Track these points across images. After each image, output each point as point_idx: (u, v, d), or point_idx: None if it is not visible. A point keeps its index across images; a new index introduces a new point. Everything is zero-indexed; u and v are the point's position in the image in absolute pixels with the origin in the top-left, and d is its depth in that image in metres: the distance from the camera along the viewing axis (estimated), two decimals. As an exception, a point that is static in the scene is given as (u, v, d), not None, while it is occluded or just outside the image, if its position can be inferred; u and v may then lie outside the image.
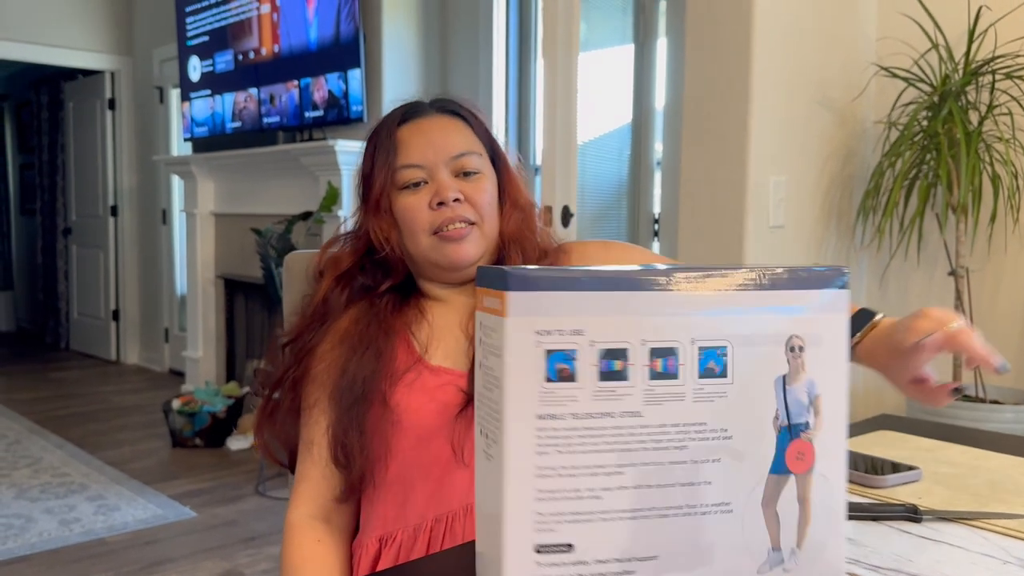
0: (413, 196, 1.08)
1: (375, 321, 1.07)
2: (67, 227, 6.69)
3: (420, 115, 1.12)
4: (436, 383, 1.03)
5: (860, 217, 2.43)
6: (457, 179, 1.08)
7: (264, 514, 3.12)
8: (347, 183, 3.78)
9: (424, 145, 1.08)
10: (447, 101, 1.15)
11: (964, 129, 2.14)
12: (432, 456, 1.02)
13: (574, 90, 2.67)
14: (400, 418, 1.02)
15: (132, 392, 5.25)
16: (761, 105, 2.21)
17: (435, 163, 1.07)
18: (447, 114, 1.13)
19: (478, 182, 1.09)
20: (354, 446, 1.02)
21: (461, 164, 1.08)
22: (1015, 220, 2.26)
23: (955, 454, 1.10)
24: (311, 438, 1.07)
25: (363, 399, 1.02)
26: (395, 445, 1.03)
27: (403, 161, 1.08)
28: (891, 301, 2.53)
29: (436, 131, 1.10)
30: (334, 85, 3.80)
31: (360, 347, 1.04)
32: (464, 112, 1.14)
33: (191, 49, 4.77)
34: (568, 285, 0.59)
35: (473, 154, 1.10)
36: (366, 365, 1.03)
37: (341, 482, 1.05)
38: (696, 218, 2.32)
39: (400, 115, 1.12)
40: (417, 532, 1.02)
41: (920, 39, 2.32)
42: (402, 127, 1.11)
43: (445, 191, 1.06)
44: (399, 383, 1.03)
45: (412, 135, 1.09)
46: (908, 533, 0.82)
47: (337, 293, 1.10)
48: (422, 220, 1.07)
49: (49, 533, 2.91)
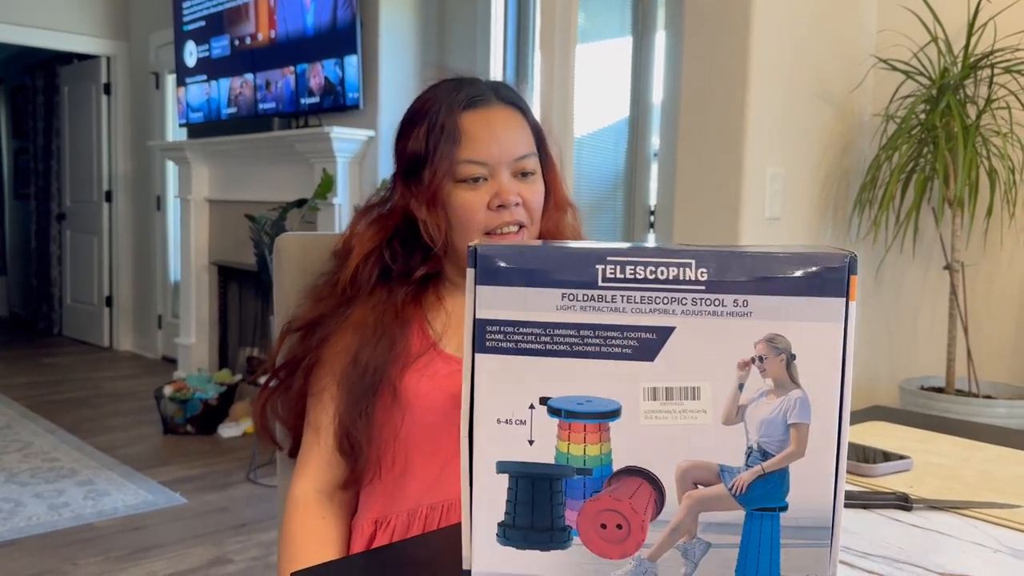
0: (472, 193, 1.04)
1: (391, 310, 1.05)
2: (61, 212, 6.66)
3: (484, 103, 1.06)
4: (447, 371, 1.02)
5: (856, 210, 2.42)
6: (515, 179, 1.05)
7: (255, 501, 3.11)
8: (342, 170, 3.77)
9: (490, 141, 1.04)
10: (509, 89, 1.11)
11: (962, 123, 2.13)
12: (436, 444, 1.02)
13: (571, 81, 2.66)
14: (409, 404, 1.01)
15: (124, 378, 5.24)
16: (758, 96, 2.20)
17: (499, 162, 1.04)
18: (509, 105, 1.08)
19: (534, 184, 1.07)
20: (361, 437, 1.01)
21: (522, 166, 1.05)
22: (1011, 215, 2.26)
23: (946, 445, 1.09)
24: (318, 424, 1.06)
25: (372, 390, 1.01)
26: (402, 431, 1.02)
27: (468, 155, 1.04)
28: (886, 295, 2.53)
29: (502, 126, 1.05)
30: (330, 72, 3.78)
31: (374, 336, 1.02)
32: (522, 103, 1.11)
33: (187, 34, 4.74)
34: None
35: (531, 155, 1.07)
36: (379, 354, 1.01)
37: (345, 471, 1.04)
38: (692, 209, 2.31)
39: (464, 100, 1.06)
40: (412, 518, 1.01)
41: (919, 32, 2.31)
42: (466, 114, 1.05)
43: (507, 195, 1.03)
44: (410, 368, 1.02)
45: (478, 127, 1.04)
46: (899, 521, 0.81)
47: (366, 272, 1.07)
48: (479, 220, 1.04)
49: (38, 517, 2.90)
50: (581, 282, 0.54)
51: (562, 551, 0.56)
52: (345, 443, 1.01)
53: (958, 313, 2.20)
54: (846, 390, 0.54)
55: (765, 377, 0.54)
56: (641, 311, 0.54)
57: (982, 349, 2.30)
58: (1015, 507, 0.85)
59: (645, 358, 0.55)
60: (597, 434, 0.55)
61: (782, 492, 0.55)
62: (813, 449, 0.55)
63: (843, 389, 0.54)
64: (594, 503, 0.56)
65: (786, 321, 0.54)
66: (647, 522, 0.56)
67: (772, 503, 0.55)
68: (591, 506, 0.56)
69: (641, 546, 0.56)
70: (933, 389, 2.23)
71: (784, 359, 0.54)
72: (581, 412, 0.55)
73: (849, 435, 1.10)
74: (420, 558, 0.75)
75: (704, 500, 0.55)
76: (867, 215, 2.43)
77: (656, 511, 0.56)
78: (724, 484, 0.55)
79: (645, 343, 0.54)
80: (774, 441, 0.55)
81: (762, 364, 0.54)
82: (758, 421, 0.55)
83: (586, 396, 0.55)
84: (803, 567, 0.56)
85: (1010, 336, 2.31)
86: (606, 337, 0.55)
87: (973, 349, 2.24)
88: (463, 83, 1.08)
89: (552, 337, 0.55)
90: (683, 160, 2.33)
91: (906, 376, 2.43)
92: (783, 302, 0.54)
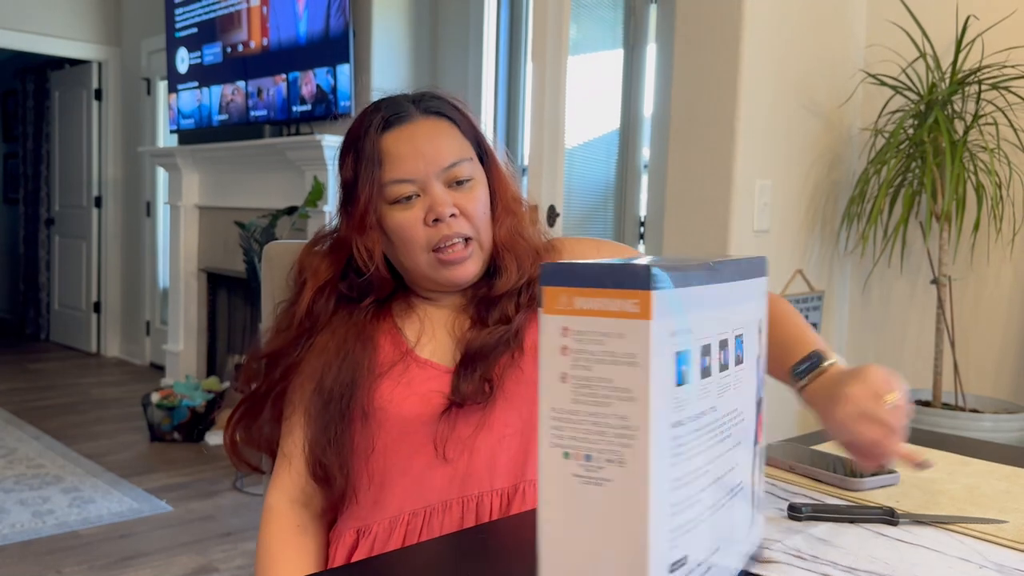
0: (406, 212, 1.02)
1: (352, 331, 1.04)
2: (50, 217, 6.63)
3: (404, 120, 1.04)
4: (423, 376, 1.02)
5: (844, 223, 2.44)
6: (450, 189, 1.03)
7: (241, 510, 3.10)
8: (333, 178, 3.75)
9: (413, 156, 1.02)
10: (430, 99, 1.08)
11: (949, 138, 2.15)
12: (412, 450, 1.01)
13: (563, 92, 2.67)
14: (384, 414, 1.01)
15: (111, 385, 5.20)
16: (748, 109, 2.21)
17: (427, 175, 1.01)
18: (433, 116, 1.06)
19: (471, 191, 1.04)
20: (332, 464, 1.00)
21: (454, 174, 1.03)
22: (998, 230, 2.27)
23: (933, 459, 1.09)
24: (289, 452, 1.05)
25: (341, 416, 1.00)
26: (379, 445, 1.02)
27: (392, 176, 1.02)
28: (873, 308, 2.54)
29: (424, 139, 1.03)
30: (322, 80, 3.78)
31: (336, 359, 1.01)
32: (449, 111, 1.07)
33: (179, 41, 4.73)
34: (691, 280, 0.54)
35: (464, 161, 1.04)
36: (343, 378, 1.00)
37: (321, 499, 1.04)
38: (681, 220, 2.32)
39: (382, 121, 1.04)
40: (393, 525, 1.01)
41: (908, 47, 2.32)
42: (386, 135, 1.03)
43: (440, 207, 1.01)
44: (384, 378, 1.02)
45: (398, 145, 1.02)
46: (884, 536, 0.82)
47: (322, 303, 1.06)
48: (418, 237, 1.02)
49: (22, 524, 2.88)
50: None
51: None
52: (318, 470, 1.01)
53: (945, 327, 2.21)
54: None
55: None
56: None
57: (969, 363, 2.32)
58: (1001, 522, 0.85)
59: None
60: None
61: None
62: None
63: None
64: None
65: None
66: None
67: None
68: None
69: None
70: (920, 403, 2.23)
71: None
72: None
73: (837, 448, 1.10)
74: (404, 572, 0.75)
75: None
76: (855, 229, 2.44)
77: None
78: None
79: None
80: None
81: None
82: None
83: None
84: None
85: (996, 350, 2.32)
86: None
87: (960, 363, 2.25)
88: (383, 104, 1.07)
89: None
90: (673, 171, 2.34)
91: (893, 389, 2.44)
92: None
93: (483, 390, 1.00)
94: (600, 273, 0.52)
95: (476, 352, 1.01)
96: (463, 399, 0.99)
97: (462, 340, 1.03)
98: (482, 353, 1.01)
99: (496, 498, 1.00)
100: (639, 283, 0.51)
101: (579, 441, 0.52)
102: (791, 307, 1.03)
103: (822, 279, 2.49)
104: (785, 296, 2.36)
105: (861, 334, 2.57)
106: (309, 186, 3.77)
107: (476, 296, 1.07)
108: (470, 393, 0.99)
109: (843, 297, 2.57)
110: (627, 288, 0.51)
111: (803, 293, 2.42)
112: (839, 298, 2.56)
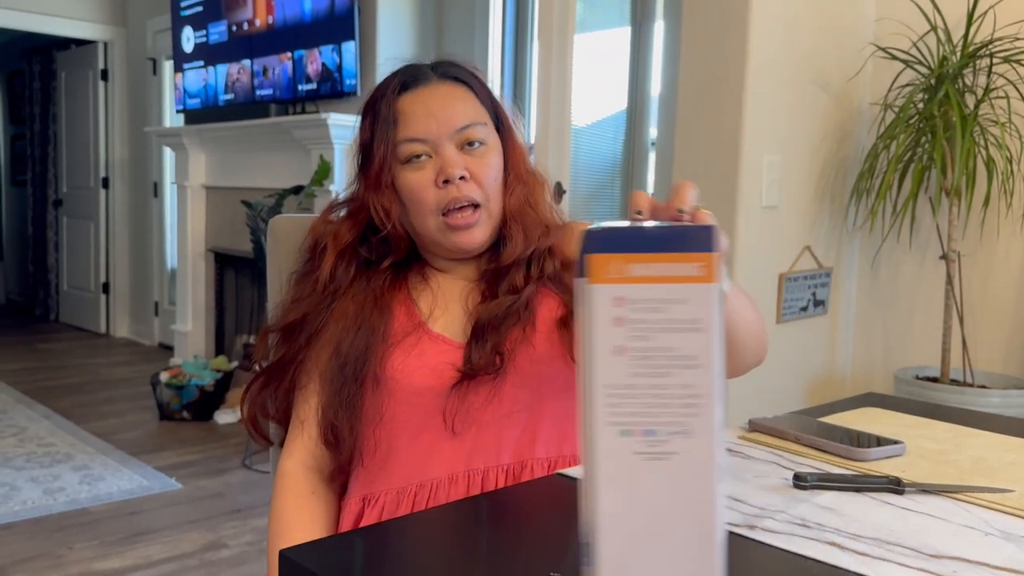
0: (417, 172, 1.03)
1: (371, 298, 1.04)
2: (58, 199, 6.64)
3: (421, 83, 1.06)
4: (434, 351, 1.02)
5: (853, 199, 2.42)
6: (462, 152, 1.03)
7: (250, 487, 3.12)
8: (339, 157, 3.75)
9: (426, 117, 1.03)
10: (449, 65, 1.09)
11: (960, 112, 2.13)
12: (421, 422, 1.01)
13: (569, 70, 2.65)
14: (395, 384, 1.01)
15: (121, 365, 5.23)
16: (756, 84, 2.19)
17: (439, 136, 1.02)
18: (450, 80, 1.07)
19: (483, 156, 1.04)
20: (343, 428, 1.01)
21: (466, 136, 1.03)
22: (1008, 205, 2.25)
23: (940, 431, 1.09)
24: (302, 416, 1.06)
25: (354, 380, 1.00)
26: (386, 414, 1.02)
27: (405, 135, 1.03)
28: (882, 284, 2.53)
29: (439, 101, 1.04)
30: (328, 58, 3.76)
31: (354, 326, 1.02)
32: (467, 77, 1.08)
33: (185, 19, 4.72)
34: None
35: (478, 124, 1.04)
36: (359, 343, 1.01)
37: (330, 462, 1.05)
38: (688, 197, 2.30)
39: (399, 82, 1.06)
40: (400, 496, 1.02)
41: (919, 20, 2.30)
42: (402, 96, 1.05)
43: (450, 168, 1.01)
44: (397, 348, 1.02)
45: (413, 106, 1.04)
46: (890, 504, 0.81)
47: (343, 268, 1.06)
48: (428, 199, 1.02)
49: (33, 501, 2.90)
50: None
51: None
52: (329, 435, 1.01)
53: (954, 303, 2.20)
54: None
55: None
56: None
57: (977, 339, 2.30)
58: (1007, 491, 0.85)
59: None
60: None
61: None
62: None
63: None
64: None
65: None
66: None
67: None
68: None
69: None
70: (928, 379, 2.23)
71: None
72: None
73: (843, 420, 1.10)
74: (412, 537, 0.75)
75: None
76: (864, 204, 2.42)
77: None
78: None
79: None
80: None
81: None
82: None
83: None
84: None
85: (1005, 326, 2.31)
86: None
87: (968, 339, 2.24)
88: (405, 71, 1.09)
89: None
90: (681, 148, 2.33)
91: (901, 365, 2.43)
92: None
93: (494, 362, 1.00)
94: (659, 237, 0.49)
95: (487, 323, 1.01)
96: (474, 370, 0.99)
97: (474, 314, 1.03)
98: (492, 324, 1.01)
99: (502, 474, 1.01)
100: (704, 245, 0.49)
101: (640, 417, 0.50)
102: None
103: (830, 255, 2.47)
104: (793, 273, 2.35)
105: (869, 310, 2.55)
106: (315, 165, 3.76)
107: (488, 271, 1.07)
108: (481, 364, 0.99)
109: (851, 273, 2.56)
110: (692, 251, 0.49)
111: (811, 269, 2.40)
112: (847, 274, 2.55)
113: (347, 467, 1.05)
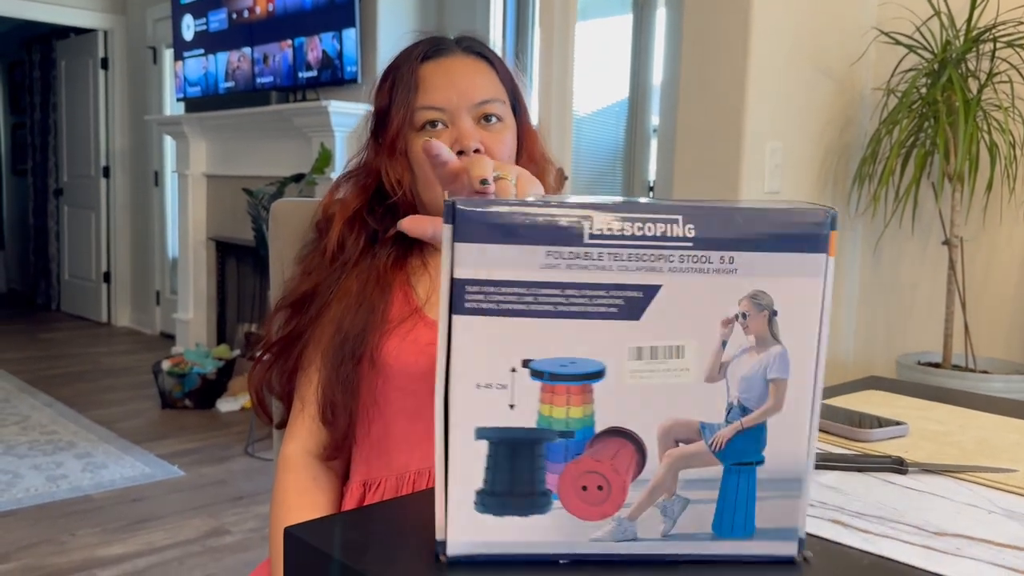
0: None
1: (373, 276, 1.03)
2: (59, 188, 6.64)
3: (445, 53, 1.06)
4: (429, 337, 1.01)
5: (856, 184, 2.41)
6: (478, 126, 1.03)
7: (253, 474, 3.12)
8: (340, 145, 3.75)
9: (447, 86, 1.02)
10: (474, 41, 1.09)
11: (963, 97, 2.12)
12: (417, 408, 1.01)
13: (571, 58, 2.64)
14: (389, 369, 1.01)
15: (122, 354, 5.24)
16: (759, 69, 2.18)
17: (458, 107, 1.02)
18: (473, 55, 1.07)
19: (499, 132, 1.03)
20: (340, 404, 1.01)
21: (484, 110, 1.03)
22: (1011, 190, 2.25)
23: (943, 413, 1.09)
24: (304, 395, 1.06)
25: (351, 357, 1.00)
26: (380, 397, 1.02)
27: (424, 101, 1.02)
28: (884, 270, 2.52)
29: (461, 72, 1.04)
30: (328, 45, 3.75)
31: (356, 303, 1.02)
32: (490, 54, 1.08)
33: (185, 7, 4.70)
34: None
35: (497, 101, 1.04)
36: (359, 321, 1.01)
37: (328, 440, 1.04)
38: (691, 183, 2.30)
39: (423, 50, 1.06)
40: (401, 481, 1.01)
41: (922, 5, 2.29)
42: (425, 64, 1.05)
43: (466, 139, 1.00)
44: (392, 334, 1.01)
45: (435, 74, 1.03)
46: (893, 484, 0.81)
47: (352, 239, 1.05)
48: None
49: (36, 489, 2.91)
50: (567, 239, 0.52)
51: (541, 515, 0.55)
52: (328, 412, 1.01)
53: (956, 288, 2.20)
54: (822, 345, 0.54)
55: (747, 334, 0.54)
56: (628, 269, 0.53)
57: (979, 324, 2.30)
58: (1011, 471, 0.85)
59: (631, 317, 0.53)
60: (581, 396, 0.54)
61: (759, 447, 0.55)
62: (790, 403, 0.55)
63: (820, 344, 0.54)
64: (575, 466, 0.55)
65: (769, 277, 0.54)
66: (628, 482, 0.55)
67: (749, 458, 0.55)
68: (572, 469, 0.55)
69: (621, 506, 0.56)
70: (930, 364, 2.23)
71: (766, 315, 0.54)
72: (565, 374, 0.53)
73: (845, 403, 1.10)
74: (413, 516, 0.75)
75: (684, 457, 0.55)
76: (867, 190, 2.42)
77: (637, 471, 0.55)
78: (704, 441, 0.55)
79: (631, 301, 0.53)
80: (753, 397, 0.54)
81: (745, 321, 0.54)
82: (739, 378, 0.54)
83: (570, 358, 0.54)
84: (776, 518, 0.56)
85: (1007, 312, 2.30)
86: (592, 296, 0.53)
87: (970, 324, 2.23)
88: (430, 40, 1.08)
89: (536, 297, 0.52)
90: (683, 134, 2.32)
91: (903, 351, 2.43)
92: (767, 258, 0.54)
93: None
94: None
95: None
96: None
97: None
98: None
99: None
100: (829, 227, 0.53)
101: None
102: None
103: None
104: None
105: (872, 295, 2.55)
106: (316, 153, 3.75)
107: None
108: None
109: (854, 258, 2.56)
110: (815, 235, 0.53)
111: (813, 255, 2.40)
112: (850, 259, 2.54)
113: (342, 445, 1.05)
